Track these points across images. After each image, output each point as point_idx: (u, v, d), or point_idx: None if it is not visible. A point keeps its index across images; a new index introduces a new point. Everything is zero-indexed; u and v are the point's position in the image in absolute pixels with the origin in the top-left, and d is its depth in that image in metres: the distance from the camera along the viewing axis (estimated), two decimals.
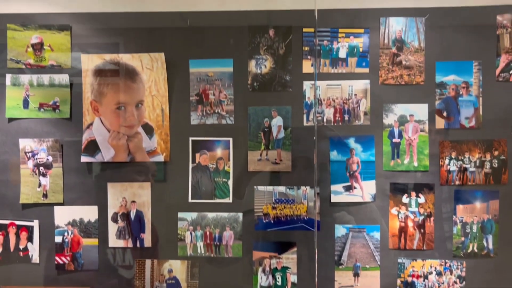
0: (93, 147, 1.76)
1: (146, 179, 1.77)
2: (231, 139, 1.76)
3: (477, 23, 1.71)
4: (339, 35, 1.74)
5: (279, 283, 1.75)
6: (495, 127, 1.71)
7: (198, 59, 1.76)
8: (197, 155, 1.77)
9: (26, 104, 1.78)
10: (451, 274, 1.71)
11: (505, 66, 1.70)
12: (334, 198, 1.74)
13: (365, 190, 1.74)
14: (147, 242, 1.77)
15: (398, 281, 1.73)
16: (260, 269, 1.75)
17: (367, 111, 1.74)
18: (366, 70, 1.74)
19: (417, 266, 1.72)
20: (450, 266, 1.72)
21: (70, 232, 1.78)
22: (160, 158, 1.76)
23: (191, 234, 1.77)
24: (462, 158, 1.71)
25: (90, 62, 1.76)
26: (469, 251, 1.72)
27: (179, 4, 1.76)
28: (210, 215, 1.77)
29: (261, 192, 1.76)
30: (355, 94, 1.74)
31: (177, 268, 1.77)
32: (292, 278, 1.75)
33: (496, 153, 1.71)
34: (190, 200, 1.77)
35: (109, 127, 1.76)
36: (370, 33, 1.73)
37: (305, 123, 1.75)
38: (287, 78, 1.75)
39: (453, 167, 1.71)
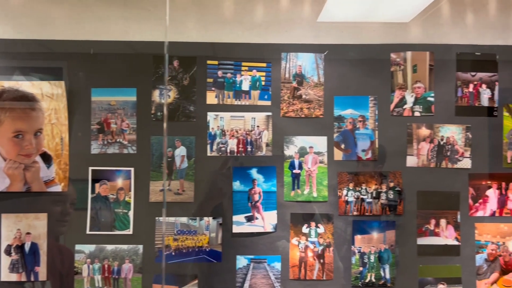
0: None
1: (44, 210, 1.72)
2: (132, 169, 1.74)
3: (373, 60, 1.80)
4: (242, 68, 1.78)
5: None
6: (391, 160, 1.78)
7: (100, 88, 1.75)
8: (97, 185, 1.73)
9: None
10: None
11: (399, 102, 1.79)
12: (235, 229, 1.74)
13: (267, 220, 1.75)
14: (42, 276, 1.70)
15: None
16: None
17: (269, 142, 1.77)
18: (268, 102, 1.78)
19: None
20: None
21: None
22: (58, 188, 1.71)
23: (88, 267, 1.71)
24: (360, 189, 1.77)
25: None
26: (367, 280, 1.75)
27: (81, 32, 1.75)
28: (109, 247, 1.72)
29: (163, 223, 1.74)
30: (258, 126, 1.77)
31: None
32: None
33: (391, 184, 1.77)
34: (88, 231, 1.72)
35: (5, 156, 1.70)
36: (272, 67, 1.78)
37: (209, 153, 1.76)
38: (191, 108, 1.76)
39: (351, 198, 1.76)
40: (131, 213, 1.73)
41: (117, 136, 1.75)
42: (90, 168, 1.73)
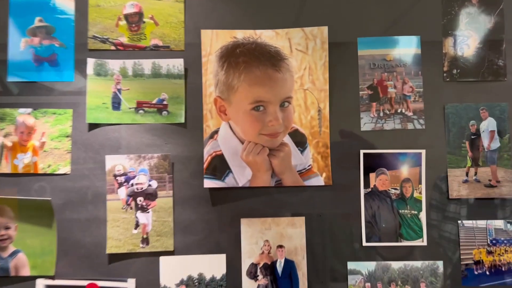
0: (220, 166, 1.18)
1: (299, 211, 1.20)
2: (423, 152, 1.20)
3: None
4: None
5: None
6: None
7: (369, 37, 1.22)
8: (372, 175, 1.20)
9: (116, 103, 1.19)
10: None
11: None
12: None
13: None
14: None
15: None
16: None
17: None
18: None
19: None
20: None
21: None
22: (319, 181, 1.19)
23: None
24: None
25: (213, 41, 1.20)
26: None
27: None
28: (395, 264, 1.19)
29: (469, 229, 1.20)
30: None
31: None
32: None
33: None
34: (364, 243, 1.19)
35: (243, 137, 1.18)
36: None
37: None
38: (500, 62, 1.22)
39: None
40: (422, 215, 1.20)
41: (397, 105, 1.22)
42: (362, 152, 1.20)
